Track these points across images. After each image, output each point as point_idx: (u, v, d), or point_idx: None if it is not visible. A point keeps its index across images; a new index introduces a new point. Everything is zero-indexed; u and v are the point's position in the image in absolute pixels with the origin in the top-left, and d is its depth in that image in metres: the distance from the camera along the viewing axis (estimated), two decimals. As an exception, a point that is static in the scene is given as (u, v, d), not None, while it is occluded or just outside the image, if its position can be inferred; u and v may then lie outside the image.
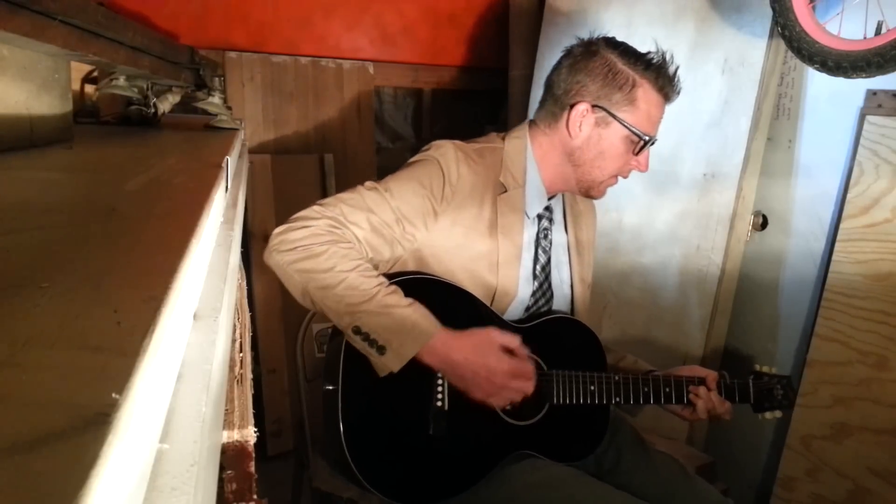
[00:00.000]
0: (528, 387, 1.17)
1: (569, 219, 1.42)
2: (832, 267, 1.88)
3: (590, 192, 1.32)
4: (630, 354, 1.47)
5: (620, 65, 1.23)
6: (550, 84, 1.31)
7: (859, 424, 1.80)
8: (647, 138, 1.24)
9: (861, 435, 1.79)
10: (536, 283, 1.34)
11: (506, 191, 1.28)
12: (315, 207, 1.17)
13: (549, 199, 1.35)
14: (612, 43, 1.26)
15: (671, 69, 1.24)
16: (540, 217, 1.35)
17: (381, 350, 1.08)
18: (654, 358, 1.53)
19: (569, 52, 1.29)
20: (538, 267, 1.35)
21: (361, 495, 1.22)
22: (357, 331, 1.09)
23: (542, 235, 1.35)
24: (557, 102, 1.28)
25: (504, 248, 1.27)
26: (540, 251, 1.35)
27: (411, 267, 1.26)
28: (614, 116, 1.23)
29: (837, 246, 1.87)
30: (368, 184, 1.22)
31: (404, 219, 1.19)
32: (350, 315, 1.08)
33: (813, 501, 1.88)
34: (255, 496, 0.59)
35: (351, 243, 1.14)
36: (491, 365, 1.13)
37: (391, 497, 1.15)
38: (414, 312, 1.11)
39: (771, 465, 2.06)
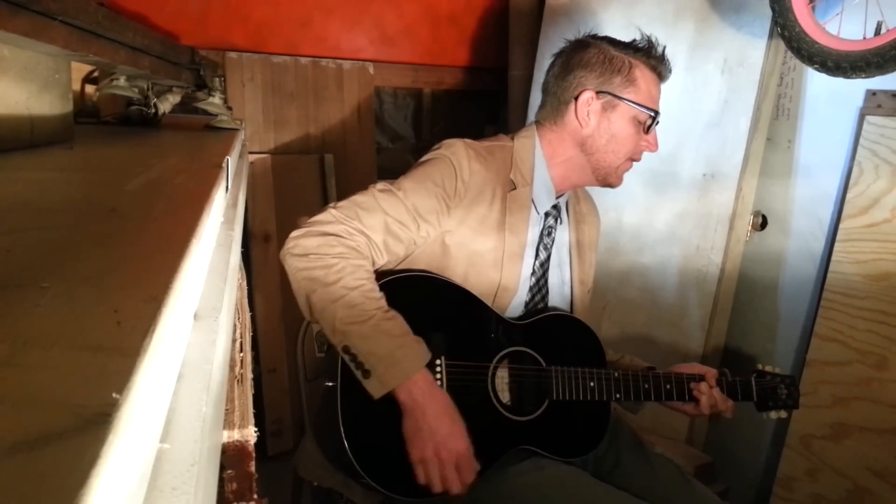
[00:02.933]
0: (457, 485, 1.10)
1: (571, 219, 1.43)
2: (832, 267, 1.88)
3: (607, 179, 1.34)
4: (627, 354, 1.47)
5: (613, 51, 1.29)
6: (547, 86, 1.35)
7: (859, 424, 1.80)
8: (653, 114, 1.28)
9: (861, 435, 1.79)
10: (534, 280, 1.35)
11: (515, 188, 1.31)
12: (332, 212, 1.17)
13: (558, 197, 1.37)
14: (598, 36, 1.32)
15: (659, 49, 1.30)
16: (547, 214, 1.36)
17: (367, 374, 1.08)
18: (654, 358, 1.53)
19: (560, 53, 1.35)
20: (537, 263, 1.36)
21: (345, 484, 1.22)
22: (346, 350, 1.09)
23: (545, 233, 1.37)
24: (560, 100, 1.32)
25: (510, 244, 1.29)
26: (541, 248, 1.36)
27: (422, 260, 1.27)
28: (620, 98, 1.27)
29: (837, 246, 1.87)
30: (380, 185, 1.22)
31: (420, 217, 1.21)
32: (343, 334, 1.09)
33: (813, 501, 1.88)
34: (255, 496, 0.59)
35: (364, 254, 1.15)
36: (450, 436, 1.10)
37: (395, 492, 1.14)
38: (404, 345, 1.10)
39: (771, 465, 2.06)
